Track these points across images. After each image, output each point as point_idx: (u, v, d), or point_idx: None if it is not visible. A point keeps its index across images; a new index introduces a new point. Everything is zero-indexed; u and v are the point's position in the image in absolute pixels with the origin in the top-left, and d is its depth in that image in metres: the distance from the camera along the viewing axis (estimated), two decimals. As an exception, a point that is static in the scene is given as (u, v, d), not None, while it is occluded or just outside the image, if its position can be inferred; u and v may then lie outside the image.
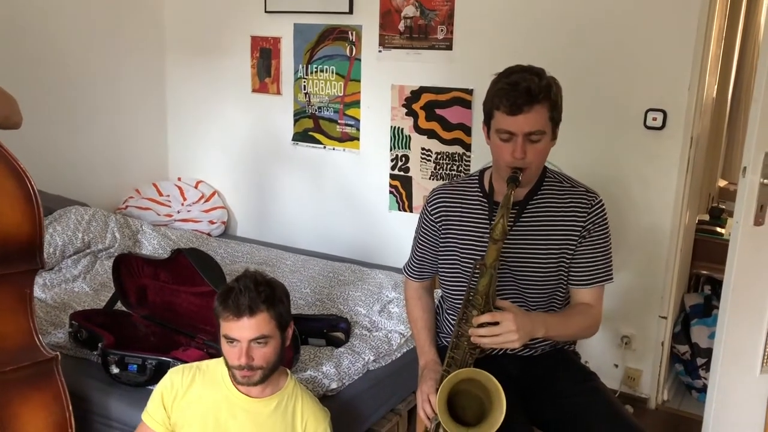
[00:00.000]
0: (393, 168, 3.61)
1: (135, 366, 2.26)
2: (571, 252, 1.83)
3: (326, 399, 2.28)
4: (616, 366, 3.18)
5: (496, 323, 1.64)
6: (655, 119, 2.90)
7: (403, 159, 3.56)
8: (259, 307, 1.75)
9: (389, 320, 2.84)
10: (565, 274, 1.86)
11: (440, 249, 1.94)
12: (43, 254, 2.02)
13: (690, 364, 3.20)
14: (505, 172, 1.72)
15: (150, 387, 2.22)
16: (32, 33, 3.51)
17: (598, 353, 3.12)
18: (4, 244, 1.92)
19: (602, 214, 1.84)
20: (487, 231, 1.74)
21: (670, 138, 2.91)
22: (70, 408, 2.06)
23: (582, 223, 1.82)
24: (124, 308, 2.69)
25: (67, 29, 3.68)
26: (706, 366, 3.07)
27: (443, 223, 1.92)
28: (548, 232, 1.83)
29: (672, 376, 3.31)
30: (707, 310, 3.23)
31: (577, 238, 1.83)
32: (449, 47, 3.31)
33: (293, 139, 3.90)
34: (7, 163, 1.92)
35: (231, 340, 1.77)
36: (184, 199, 4.10)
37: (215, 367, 1.91)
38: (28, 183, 1.94)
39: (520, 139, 1.68)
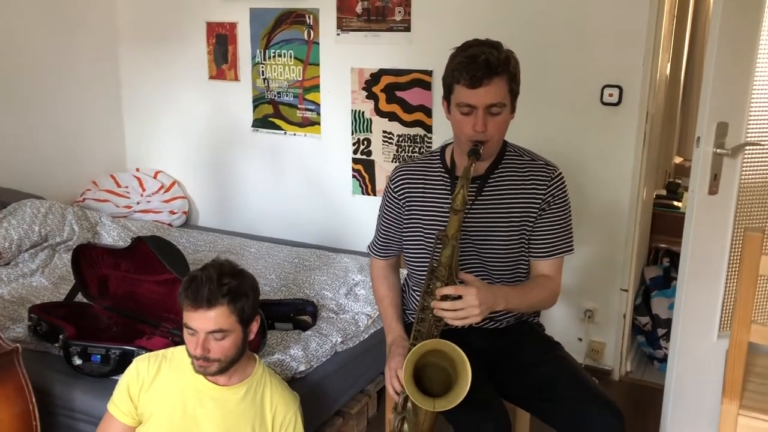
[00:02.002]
0: (355, 152, 3.60)
1: (98, 356, 2.22)
2: (532, 224, 1.86)
3: (295, 382, 2.28)
4: (580, 339, 3.23)
5: (459, 297, 1.65)
6: (611, 95, 2.94)
7: (365, 142, 3.55)
8: (218, 300, 1.70)
9: (356, 302, 2.84)
10: (527, 247, 1.88)
11: (404, 226, 1.94)
12: (1, 244, 1.98)
13: (651, 335, 3.28)
14: (466, 146, 1.73)
15: (114, 377, 2.19)
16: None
17: (562, 327, 3.17)
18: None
19: (562, 186, 1.87)
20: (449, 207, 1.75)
21: (626, 114, 2.96)
22: (34, 401, 2.03)
23: (542, 196, 1.84)
24: (85, 300, 2.64)
25: (15, 18, 3.57)
26: (667, 336, 3.15)
27: (407, 200, 1.92)
28: (509, 205, 1.84)
29: (634, 347, 3.38)
30: (666, 281, 3.31)
31: (537, 210, 1.85)
32: (407, 29, 3.30)
33: (253, 126, 3.86)
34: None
35: (190, 330, 1.74)
36: (144, 190, 4.04)
37: (181, 354, 1.88)
38: None
39: (480, 111, 1.69)
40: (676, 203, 3.75)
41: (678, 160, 4.67)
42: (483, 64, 1.66)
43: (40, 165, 3.76)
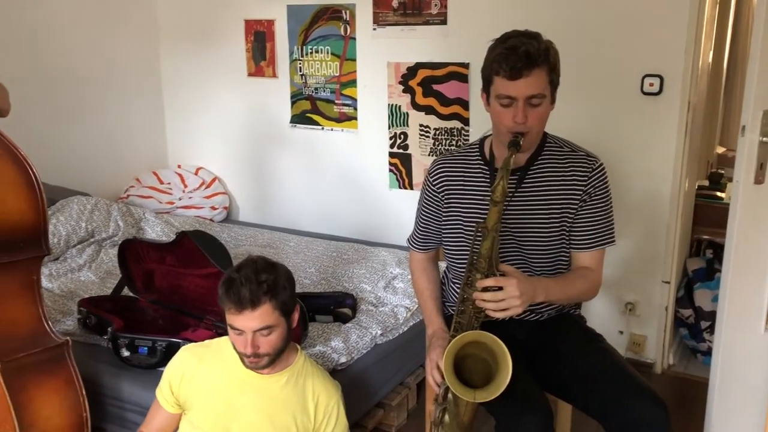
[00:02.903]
0: (392, 146, 3.61)
1: (145, 348, 2.28)
2: (572, 216, 1.85)
3: (336, 373, 2.31)
4: (621, 333, 3.20)
5: (499, 288, 1.65)
6: (652, 85, 2.90)
7: (402, 136, 3.56)
8: (261, 299, 1.73)
9: (394, 295, 2.86)
10: (567, 238, 1.87)
11: (443, 219, 1.95)
12: (48, 240, 2.04)
13: (694, 328, 3.23)
14: (506, 138, 1.73)
15: (161, 368, 2.24)
16: (28, 25, 3.51)
17: (602, 320, 3.14)
18: (10, 232, 1.93)
19: (603, 177, 1.85)
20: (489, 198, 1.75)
21: (667, 103, 2.91)
22: (83, 392, 2.09)
23: (583, 187, 1.83)
24: (131, 294, 2.71)
25: (62, 20, 3.67)
26: (710, 329, 3.10)
27: (446, 192, 1.93)
28: (550, 197, 1.84)
29: (677, 340, 3.34)
30: (710, 273, 3.25)
31: (578, 202, 1.84)
32: (444, 22, 3.30)
33: (291, 122, 3.90)
34: (8, 150, 1.93)
35: (236, 330, 1.77)
36: (185, 186, 4.11)
37: (224, 345, 1.92)
38: (30, 170, 1.95)
39: (520, 103, 1.68)
40: (719, 194, 3.68)
41: (720, 150, 4.58)
42: (523, 55, 1.66)
43: (86, 163, 3.86)
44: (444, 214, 1.94)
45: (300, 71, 3.79)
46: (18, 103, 2.08)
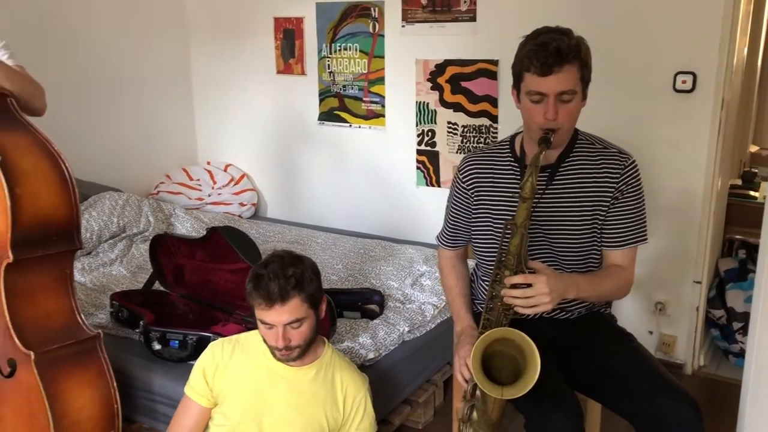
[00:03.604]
0: (419, 143, 3.61)
1: (176, 342, 2.31)
2: (604, 213, 1.83)
3: (364, 369, 2.31)
4: (651, 333, 3.17)
5: (528, 286, 1.64)
6: (684, 82, 2.86)
7: (430, 134, 3.56)
8: (290, 293, 1.75)
9: (422, 293, 2.86)
10: (599, 236, 1.85)
11: (473, 216, 1.95)
12: (81, 235, 2.07)
13: (726, 329, 3.18)
14: (536, 134, 1.71)
15: (191, 362, 2.26)
16: (63, 27, 3.58)
17: (631, 320, 3.11)
18: (43, 225, 1.96)
19: (636, 174, 1.83)
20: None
21: (700, 101, 2.87)
22: (115, 384, 2.12)
23: (615, 184, 1.81)
24: (162, 288, 2.75)
25: (95, 21, 3.73)
26: (743, 330, 3.05)
27: (475, 189, 1.92)
28: (581, 194, 1.82)
29: (707, 341, 3.29)
30: (743, 274, 3.19)
31: (609, 199, 1.82)
32: (473, 18, 3.29)
33: (319, 119, 3.92)
34: (41, 146, 1.97)
35: (267, 324, 1.79)
36: (214, 183, 4.16)
37: (253, 338, 1.94)
38: (63, 165, 1.98)
39: (551, 99, 1.67)
40: (752, 193, 3.62)
41: (754, 148, 4.50)
42: (554, 51, 1.64)
43: (117, 159, 3.92)
44: (474, 211, 1.94)
45: (328, 69, 3.80)
46: (53, 101, 2.13)
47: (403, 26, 3.50)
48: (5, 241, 1.84)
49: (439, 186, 3.59)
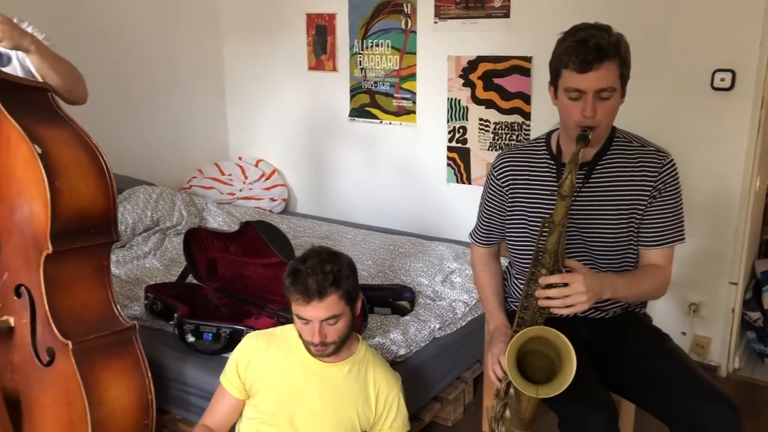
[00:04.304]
0: (450, 140, 3.60)
1: (210, 334, 2.33)
2: (641, 212, 1.81)
3: (395, 365, 2.31)
4: (684, 334, 3.12)
5: (565, 285, 1.63)
6: (723, 80, 2.81)
7: (461, 131, 3.55)
8: (327, 290, 1.76)
9: (452, 290, 2.85)
10: (636, 236, 1.83)
11: (507, 213, 1.93)
12: (118, 227, 2.10)
13: (762, 331, 3.12)
14: (574, 132, 1.70)
15: (224, 355, 2.29)
16: (99, 23, 3.63)
17: (664, 320, 3.04)
18: (81, 218, 1.99)
19: (673, 173, 1.81)
20: (555, 193, 1.73)
21: (739, 99, 2.82)
22: (149, 375, 2.14)
23: (653, 183, 1.79)
24: (195, 281, 2.78)
25: (130, 18, 3.79)
26: (780, 333, 2.99)
27: (510, 187, 1.91)
28: (618, 193, 1.80)
29: (743, 343, 3.23)
30: (780, 276, 3.14)
31: (647, 198, 1.79)
32: (506, 15, 3.27)
33: (350, 115, 3.93)
34: (80, 139, 2.00)
35: (303, 320, 1.80)
36: (246, 178, 4.19)
37: (288, 333, 1.95)
38: (101, 158, 2.01)
39: (589, 96, 1.65)
40: (791, 194, 3.54)
41: (793, 148, 4.40)
42: (593, 48, 1.63)
43: (151, 154, 3.97)
44: (508, 208, 1.93)
45: (360, 65, 3.81)
46: (90, 96, 2.16)
47: (435, 22, 3.49)
48: (45, 232, 1.87)
49: (469, 183, 3.58)
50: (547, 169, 1.86)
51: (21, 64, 2.11)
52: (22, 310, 1.97)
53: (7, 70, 2.07)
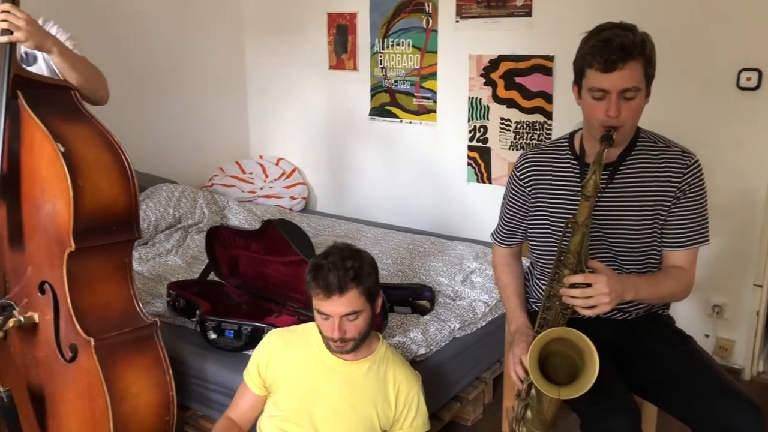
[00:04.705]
0: (471, 139, 3.58)
1: (231, 332, 2.35)
2: (665, 213, 1.79)
3: (414, 365, 2.31)
4: (707, 336, 3.08)
5: (588, 285, 1.61)
6: (749, 79, 2.77)
7: (482, 130, 3.53)
8: (348, 285, 1.77)
9: (472, 290, 2.84)
10: (659, 237, 1.81)
11: (530, 214, 1.92)
12: (140, 225, 2.12)
13: (787, 335, 3.08)
14: (597, 132, 1.68)
15: (245, 352, 2.31)
16: (120, 21, 3.66)
17: (687, 323, 3.00)
18: (104, 216, 2.01)
19: (699, 174, 1.78)
20: (579, 194, 1.71)
21: (765, 99, 2.78)
22: (171, 371, 2.15)
23: (677, 184, 1.77)
24: (216, 279, 2.79)
25: (151, 16, 3.82)
26: (806, 336, 2.94)
27: (533, 187, 1.90)
28: (642, 193, 1.78)
29: None
30: (806, 278, 3.08)
31: (671, 198, 1.78)
32: (528, 14, 3.25)
33: (370, 114, 3.93)
34: (103, 137, 2.02)
35: (323, 315, 1.81)
36: (266, 176, 4.21)
37: (309, 331, 1.96)
38: (123, 157, 2.02)
39: (614, 96, 1.64)
40: (818, 195, 3.48)
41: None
42: (618, 47, 1.61)
43: (173, 151, 4.01)
44: (531, 209, 1.91)
45: (380, 64, 3.80)
46: (112, 95, 2.18)
47: (457, 21, 3.48)
48: (68, 230, 1.89)
49: (490, 182, 3.56)
50: (571, 170, 1.85)
51: (47, 64, 2.14)
52: (45, 307, 1.99)
53: (33, 69, 2.10)
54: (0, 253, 2.09)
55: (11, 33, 1.88)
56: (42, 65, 2.15)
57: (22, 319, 1.98)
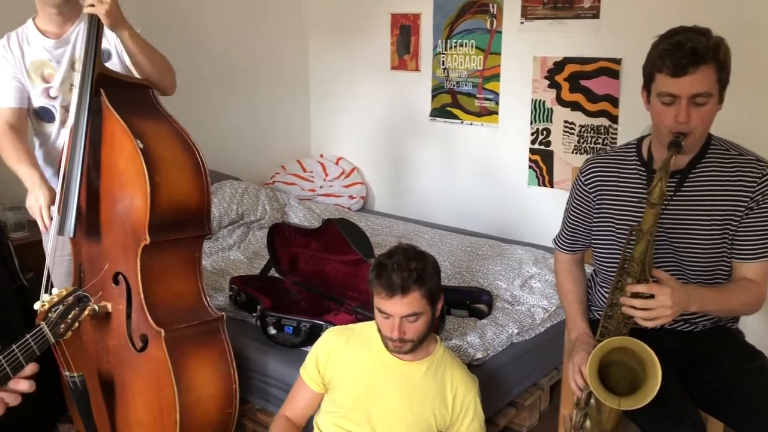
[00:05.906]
0: (533, 142, 3.55)
1: (291, 328, 2.39)
2: (736, 224, 1.73)
3: (471, 368, 2.30)
4: (777, 351, 2.97)
5: (651, 296, 1.58)
6: (829, 85, 2.66)
7: (544, 132, 3.49)
8: (411, 287, 1.77)
9: (531, 295, 2.81)
10: (729, 248, 1.76)
11: (594, 220, 1.90)
12: (211, 222, 2.18)
13: None
14: (666, 138, 1.65)
15: (303, 348, 2.34)
16: (185, 18, 3.77)
17: (757, 338, 2.87)
18: (177, 211, 2.08)
19: (774, 184, 1.73)
20: (645, 201, 1.68)
21: None
22: (234, 365, 2.21)
23: (750, 194, 1.71)
24: (277, 275, 2.85)
25: (218, 18, 3.91)
26: None
27: (598, 193, 1.87)
28: (712, 203, 1.74)
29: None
30: None
31: (743, 209, 1.72)
32: (596, 16, 3.19)
33: (431, 115, 3.93)
34: (179, 136, 2.09)
35: (384, 314, 1.82)
36: (326, 175, 4.26)
37: (368, 329, 1.98)
38: (198, 156, 2.10)
39: (683, 102, 1.60)
40: None
41: None
42: (689, 51, 1.57)
43: (237, 149, 4.10)
44: (595, 215, 1.89)
45: (443, 65, 3.80)
46: (181, 94, 2.25)
47: (522, 23, 3.45)
48: (143, 224, 1.97)
49: (552, 186, 3.52)
50: (637, 176, 1.82)
51: (120, 61, 2.22)
52: (119, 297, 2.07)
53: (107, 65, 2.18)
54: (78, 246, 2.19)
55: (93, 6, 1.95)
56: (116, 62, 2.24)
57: (96, 308, 2.06)
